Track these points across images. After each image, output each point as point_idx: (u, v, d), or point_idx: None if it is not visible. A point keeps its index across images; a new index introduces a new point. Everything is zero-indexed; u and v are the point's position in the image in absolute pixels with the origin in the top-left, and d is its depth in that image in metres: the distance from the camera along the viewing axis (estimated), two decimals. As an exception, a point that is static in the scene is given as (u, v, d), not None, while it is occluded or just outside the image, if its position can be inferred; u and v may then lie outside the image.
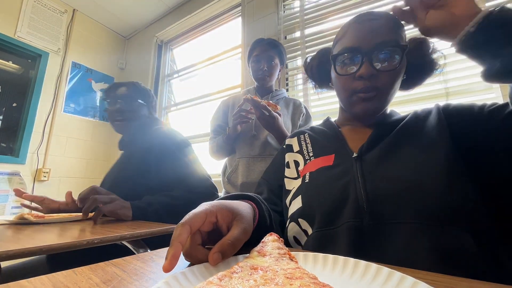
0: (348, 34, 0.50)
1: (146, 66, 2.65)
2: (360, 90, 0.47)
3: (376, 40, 0.46)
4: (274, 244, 0.29)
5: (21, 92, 2.19)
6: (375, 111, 0.50)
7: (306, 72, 0.67)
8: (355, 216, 0.40)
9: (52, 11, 2.36)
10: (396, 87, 0.49)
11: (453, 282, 0.23)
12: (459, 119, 0.45)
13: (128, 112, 1.03)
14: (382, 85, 0.47)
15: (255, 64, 1.15)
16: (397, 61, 0.46)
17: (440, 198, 0.37)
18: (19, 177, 1.98)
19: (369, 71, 0.45)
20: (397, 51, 0.46)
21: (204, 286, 0.19)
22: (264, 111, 0.92)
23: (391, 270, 0.23)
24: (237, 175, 1.10)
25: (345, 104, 0.54)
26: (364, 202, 0.40)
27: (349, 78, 0.49)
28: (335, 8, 1.52)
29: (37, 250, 0.41)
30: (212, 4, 2.17)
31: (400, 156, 0.44)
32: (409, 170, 0.41)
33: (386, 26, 0.47)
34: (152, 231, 0.58)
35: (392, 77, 0.47)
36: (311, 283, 0.20)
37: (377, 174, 0.43)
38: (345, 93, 0.51)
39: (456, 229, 0.35)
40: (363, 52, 0.46)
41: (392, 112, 0.56)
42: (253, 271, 0.23)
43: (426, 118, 0.48)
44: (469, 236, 0.35)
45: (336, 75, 0.51)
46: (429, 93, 1.18)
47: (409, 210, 0.37)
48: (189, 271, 0.24)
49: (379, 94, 0.47)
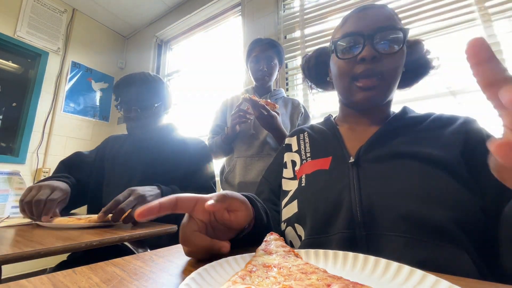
0: (348, 22, 0.50)
1: (146, 65, 2.65)
2: (361, 74, 0.46)
3: (378, 24, 0.45)
4: (277, 242, 0.30)
5: (21, 92, 2.19)
6: (376, 100, 0.48)
7: (302, 71, 0.66)
8: (348, 225, 0.39)
9: (52, 10, 2.36)
10: (398, 76, 0.47)
11: (452, 282, 0.23)
12: (478, 156, 0.40)
13: (146, 121, 0.95)
14: (385, 69, 0.45)
15: (254, 64, 1.16)
16: (398, 45, 0.45)
17: (440, 215, 0.35)
18: (19, 177, 1.98)
19: (371, 53, 0.44)
20: (399, 35, 0.45)
21: (231, 286, 0.19)
22: (262, 110, 0.92)
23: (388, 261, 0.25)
24: (234, 174, 1.10)
25: (345, 94, 0.51)
26: (357, 212, 0.40)
27: (350, 63, 0.47)
28: (335, 8, 1.52)
29: (35, 254, 0.40)
30: (212, 4, 2.17)
31: (401, 163, 0.41)
32: (408, 183, 0.39)
33: (386, 13, 0.47)
34: (152, 232, 0.58)
35: (395, 62, 0.46)
36: (326, 277, 0.21)
37: (372, 183, 0.41)
38: (345, 80, 0.49)
39: (452, 245, 0.34)
40: (365, 36, 0.45)
41: (407, 109, 0.52)
42: (267, 268, 0.23)
43: (447, 127, 0.45)
44: (465, 253, 0.34)
45: (337, 61, 0.50)
46: (427, 93, 1.18)
47: (404, 223, 0.36)
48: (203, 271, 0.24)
49: (381, 83, 0.46)
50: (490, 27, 1.09)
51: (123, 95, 0.94)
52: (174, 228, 0.63)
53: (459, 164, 0.40)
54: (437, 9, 1.21)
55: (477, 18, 1.12)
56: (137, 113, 0.92)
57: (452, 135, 0.43)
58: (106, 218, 0.62)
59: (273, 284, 0.20)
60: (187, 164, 0.91)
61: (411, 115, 0.50)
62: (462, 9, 1.16)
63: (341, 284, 0.19)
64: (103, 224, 0.62)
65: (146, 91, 0.94)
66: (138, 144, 0.96)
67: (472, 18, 1.13)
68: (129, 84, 0.93)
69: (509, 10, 1.07)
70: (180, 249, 0.37)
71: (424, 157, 0.41)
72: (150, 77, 0.97)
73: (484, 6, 1.11)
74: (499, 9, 1.08)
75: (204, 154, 0.98)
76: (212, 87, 2.21)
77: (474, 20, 1.13)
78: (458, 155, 0.41)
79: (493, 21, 1.09)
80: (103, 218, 0.61)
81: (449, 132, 0.44)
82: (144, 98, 0.93)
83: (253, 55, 1.15)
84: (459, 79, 1.12)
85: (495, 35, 1.08)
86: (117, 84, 0.96)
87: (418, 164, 0.40)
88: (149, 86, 0.95)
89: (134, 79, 0.95)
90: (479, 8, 1.12)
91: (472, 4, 1.14)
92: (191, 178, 0.89)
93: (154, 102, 0.95)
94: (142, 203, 0.65)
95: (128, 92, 0.93)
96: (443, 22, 1.20)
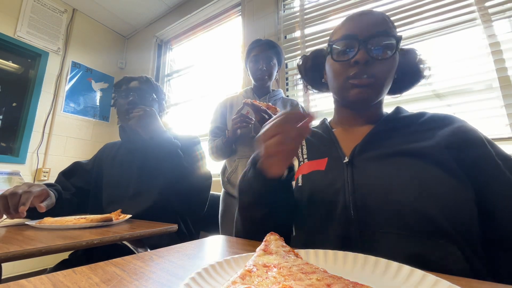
0: (345, 25, 0.52)
1: (146, 65, 2.65)
2: (354, 75, 0.47)
3: (373, 30, 0.47)
4: (277, 242, 0.30)
5: (21, 92, 2.19)
6: (369, 98, 0.49)
7: (299, 71, 0.67)
8: (343, 224, 0.41)
9: (52, 10, 2.36)
10: (390, 79, 0.49)
11: (452, 282, 0.23)
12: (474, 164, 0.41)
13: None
14: (377, 72, 0.47)
15: (254, 64, 1.16)
16: (391, 51, 0.47)
17: (432, 211, 0.36)
18: (19, 177, 1.99)
19: (365, 57, 0.46)
20: (392, 42, 0.47)
21: (231, 286, 0.19)
22: (264, 114, 0.93)
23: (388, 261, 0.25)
24: (237, 175, 1.10)
25: (339, 93, 0.53)
26: (351, 211, 0.41)
27: (344, 64, 0.49)
28: (335, 8, 1.53)
29: (36, 252, 0.41)
30: (212, 4, 2.17)
31: (396, 162, 0.42)
32: (402, 181, 0.40)
33: (382, 20, 0.49)
34: (152, 231, 0.58)
35: (387, 66, 0.47)
36: (326, 277, 0.21)
37: (366, 182, 0.42)
38: (339, 80, 0.51)
39: (445, 241, 0.35)
40: (359, 40, 0.47)
41: (400, 109, 0.53)
42: (267, 268, 0.23)
43: (441, 128, 0.45)
44: (457, 249, 0.35)
45: (332, 62, 0.52)
46: (427, 93, 1.18)
47: (397, 220, 0.37)
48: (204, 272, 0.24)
49: (373, 82, 0.47)
50: (490, 27, 1.09)
51: (123, 86, 0.97)
52: (174, 228, 0.64)
53: (452, 161, 0.40)
54: (437, 9, 1.21)
55: (477, 18, 1.12)
56: (135, 97, 0.94)
57: (446, 135, 0.43)
58: (107, 218, 0.63)
59: (273, 284, 0.20)
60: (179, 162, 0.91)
61: (404, 115, 0.51)
62: (462, 9, 1.16)
63: (341, 284, 0.19)
64: (102, 224, 0.62)
65: (145, 83, 0.97)
66: (132, 146, 0.99)
67: (472, 18, 1.13)
68: (129, 79, 0.97)
69: (509, 10, 1.07)
70: (180, 249, 0.37)
71: (417, 153, 0.42)
72: (149, 81, 1.01)
73: (484, 6, 1.11)
74: (499, 9, 1.08)
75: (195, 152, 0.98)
76: (212, 87, 2.21)
77: (474, 20, 1.13)
78: (450, 154, 0.41)
79: (493, 21, 1.09)
80: None
81: (444, 132, 0.44)
82: (141, 99, 0.96)
83: (252, 55, 1.16)
84: (459, 79, 1.12)
85: (495, 35, 1.08)
86: (116, 84, 0.99)
87: (412, 161, 0.41)
88: (148, 81, 0.99)
89: (134, 76, 0.98)
90: (479, 8, 1.12)
91: (472, 4, 1.14)
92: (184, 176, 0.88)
93: (151, 93, 0.98)
94: None
95: (127, 84, 0.96)
96: (443, 22, 1.20)
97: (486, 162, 0.40)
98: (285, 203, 0.48)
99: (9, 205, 0.62)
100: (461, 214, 0.36)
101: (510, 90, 1.02)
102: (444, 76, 1.15)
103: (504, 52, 1.05)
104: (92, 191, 0.97)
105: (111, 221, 0.64)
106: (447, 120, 0.46)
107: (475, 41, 1.13)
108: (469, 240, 0.36)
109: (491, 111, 1.06)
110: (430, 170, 0.39)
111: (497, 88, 1.04)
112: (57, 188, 0.83)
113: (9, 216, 0.63)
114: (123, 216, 0.71)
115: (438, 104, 1.17)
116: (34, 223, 0.62)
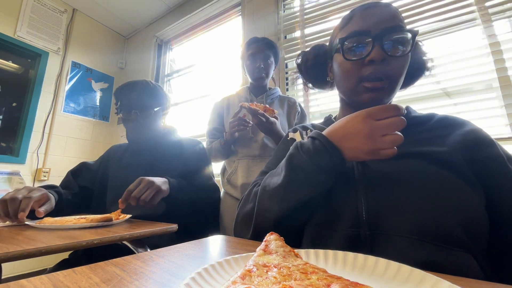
0: (354, 20, 0.47)
1: (146, 65, 2.65)
2: (368, 76, 0.44)
3: (385, 23, 0.44)
4: (277, 242, 0.30)
5: (21, 92, 2.19)
6: (381, 101, 0.47)
7: (299, 69, 0.64)
8: (352, 224, 0.39)
9: (52, 10, 2.36)
10: (403, 77, 0.47)
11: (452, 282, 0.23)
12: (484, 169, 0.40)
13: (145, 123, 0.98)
14: (393, 71, 0.44)
15: (251, 62, 1.15)
16: (407, 47, 0.44)
17: (446, 217, 0.35)
18: (19, 177, 1.98)
19: (381, 54, 0.43)
20: (408, 36, 0.44)
21: (231, 286, 0.19)
22: (261, 117, 0.93)
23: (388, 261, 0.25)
24: (237, 176, 1.10)
25: (349, 94, 0.50)
26: (362, 211, 0.39)
27: (357, 64, 0.46)
28: (335, 8, 1.52)
29: (36, 252, 0.40)
30: (212, 4, 2.17)
31: (407, 163, 0.41)
32: (414, 183, 0.38)
33: (393, 13, 0.45)
34: (152, 231, 0.58)
35: (403, 64, 0.45)
36: (326, 277, 0.21)
37: (378, 183, 0.40)
38: (351, 81, 0.47)
39: (459, 249, 0.33)
40: (373, 36, 0.43)
41: (410, 109, 0.51)
42: (267, 268, 0.23)
43: (454, 130, 0.44)
44: (471, 257, 0.33)
45: (342, 61, 0.48)
46: (427, 93, 1.18)
47: (408, 224, 0.36)
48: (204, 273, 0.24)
49: (388, 85, 0.45)
50: (490, 27, 1.09)
51: (124, 99, 0.98)
52: (174, 228, 0.64)
53: (464, 164, 0.39)
54: (437, 9, 1.21)
55: (477, 18, 1.12)
56: (137, 115, 0.96)
57: (458, 137, 0.42)
58: (107, 218, 0.63)
59: (273, 284, 0.20)
60: (183, 165, 0.95)
61: (414, 115, 0.49)
62: (462, 9, 1.16)
63: (341, 284, 0.19)
64: (102, 224, 0.62)
65: (146, 96, 0.99)
66: (138, 148, 1.01)
67: (472, 18, 1.13)
68: (130, 89, 0.98)
69: (509, 10, 1.07)
70: (180, 249, 0.37)
71: (429, 156, 0.40)
72: (151, 84, 1.03)
73: (484, 6, 1.11)
74: (499, 9, 1.08)
75: (200, 155, 1.02)
76: (212, 87, 2.21)
77: (474, 20, 1.13)
78: (462, 157, 0.40)
79: (493, 21, 1.09)
80: (123, 207, 0.69)
81: (455, 134, 0.43)
82: (144, 102, 0.97)
83: (249, 53, 1.15)
84: (459, 79, 1.12)
85: (495, 35, 1.08)
86: (118, 88, 1.00)
87: (424, 163, 0.40)
88: (149, 92, 1.00)
89: (135, 84, 1.00)
90: (479, 8, 1.12)
91: (472, 4, 1.14)
92: (189, 178, 0.90)
93: (153, 107, 1.00)
94: (151, 188, 0.71)
95: (128, 96, 0.97)
96: (443, 22, 1.20)
97: (497, 166, 0.39)
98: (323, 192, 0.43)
99: (9, 210, 0.63)
100: (476, 223, 0.35)
101: (510, 90, 1.02)
102: (444, 76, 1.15)
103: (504, 52, 1.05)
104: (97, 191, 0.98)
105: (111, 221, 0.64)
106: (459, 123, 0.45)
107: (475, 41, 1.13)
108: (483, 249, 0.35)
109: (491, 111, 1.06)
110: (445, 175, 0.38)
111: (497, 88, 1.04)
112: (58, 190, 0.84)
113: (9, 220, 0.65)
114: (123, 216, 0.71)
115: (439, 104, 1.17)
116: (34, 223, 0.62)
